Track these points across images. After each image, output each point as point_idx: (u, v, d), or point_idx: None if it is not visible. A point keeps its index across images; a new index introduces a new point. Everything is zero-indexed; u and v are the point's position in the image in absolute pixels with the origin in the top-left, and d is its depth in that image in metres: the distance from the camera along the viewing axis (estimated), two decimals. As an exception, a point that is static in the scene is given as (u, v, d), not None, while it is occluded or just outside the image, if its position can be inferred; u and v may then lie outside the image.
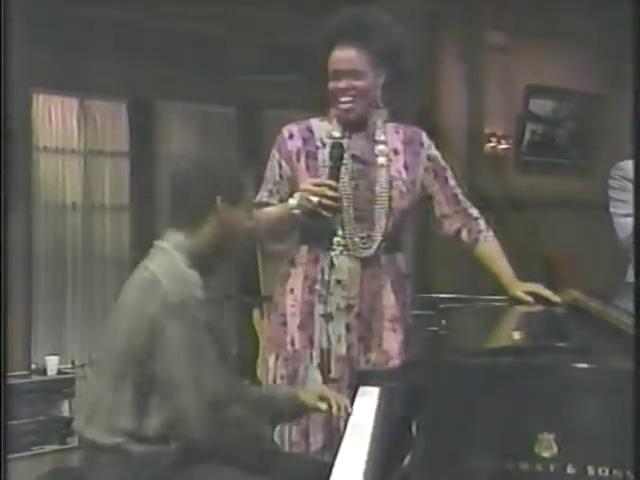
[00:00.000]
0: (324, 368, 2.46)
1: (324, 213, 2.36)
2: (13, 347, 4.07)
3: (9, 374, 3.47)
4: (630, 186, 2.93)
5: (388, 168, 2.53)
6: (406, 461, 1.56)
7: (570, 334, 1.98)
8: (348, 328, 2.47)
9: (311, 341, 2.48)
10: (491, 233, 2.63)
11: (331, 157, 2.43)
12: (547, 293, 2.39)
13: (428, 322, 2.08)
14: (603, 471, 1.40)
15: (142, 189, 5.31)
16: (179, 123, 5.45)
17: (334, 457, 1.77)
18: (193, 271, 2.03)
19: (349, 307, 2.47)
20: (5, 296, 2.49)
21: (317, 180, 2.41)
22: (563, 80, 6.35)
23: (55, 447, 4.62)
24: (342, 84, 2.47)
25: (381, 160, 2.54)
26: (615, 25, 4.13)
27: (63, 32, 4.73)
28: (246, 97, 5.47)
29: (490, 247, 2.61)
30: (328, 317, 2.47)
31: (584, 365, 1.49)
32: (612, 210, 3.19)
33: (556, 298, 2.35)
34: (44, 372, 4.74)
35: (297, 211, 2.41)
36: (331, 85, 2.49)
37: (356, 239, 2.49)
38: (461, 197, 2.63)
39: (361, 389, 2.13)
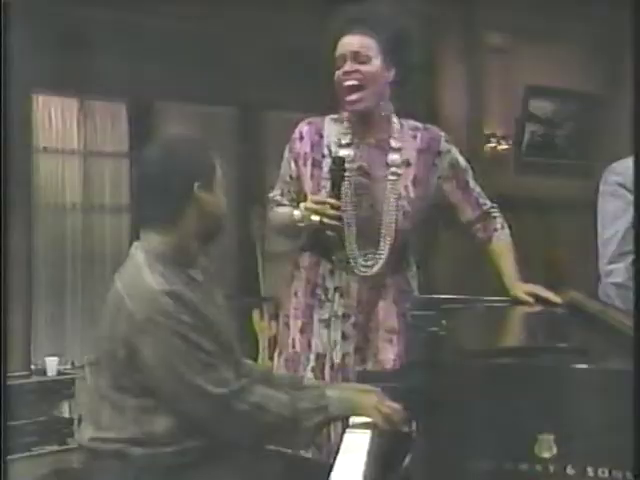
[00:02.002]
0: (318, 373, 2.45)
1: (326, 232, 2.34)
2: (13, 347, 4.07)
3: (9, 375, 3.48)
4: (629, 196, 2.55)
5: (396, 184, 2.44)
6: (406, 461, 1.56)
7: (570, 335, 1.98)
8: (344, 336, 2.45)
9: (310, 345, 2.48)
10: (506, 231, 2.57)
11: (331, 173, 2.37)
12: (547, 294, 2.38)
13: (428, 322, 2.08)
14: (603, 472, 1.40)
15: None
16: (179, 123, 5.45)
17: (334, 457, 1.78)
18: (160, 278, 1.90)
19: (346, 315, 2.46)
20: (5, 296, 2.49)
21: (319, 198, 2.36)
22: (563, 81, 6.35)
23: (55, 448, 4.62)
24: (346, 67, 2.38)
25: (390, 174, 2.44)
26: (615, 25, 4.13)
27: (63, 32, 4.73)
28: (246, 97, 5.47)
29: (500, 246, 2.56)
30: (325, 323, 2.46)
31: (584, 366, 1.48)
32: (599, 231, 2.73)
33: (556, 299, 2.34)
34: (44, 373, 4.74)
35: (301, 224, 2.39)
36: (336, 74, 2.40)
37: (359, 259, 2.44)
38: (481, 198, 2.57)
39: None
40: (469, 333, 2.15)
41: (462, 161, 2.55)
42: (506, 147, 6.28)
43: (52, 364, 4.75)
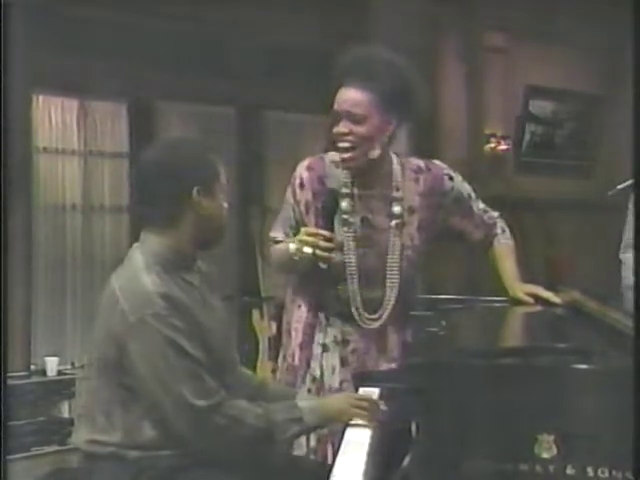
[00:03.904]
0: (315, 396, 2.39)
1: (319, 264, 2.28)
2: (13, 347, 4.07)
3: (9, 375, 3.48)
4: None
5: (400, 235, 2.40)
6: (406, 461, 1.56)
7: (570, 335, 1.99)
8: (342, 362, 2.42)
9: (308, 364, 2.44)
10: (506, 234, 2.55)
11: (324, 206, 2.33)
12: (547, 294, 2.38)
13: (428, 323, 2.08)
14: (602, 472, 1.41)
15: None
16: (179, 123, 5.45)
17: (334, 457, 1.78)
18: (157, 279, 1.90)
19: (345, 342, 2.42)
20: (5, 296, 2.49)
21: (311, 230, 2.30)
22: (563, 81, 6.36)
23: (55, 448, 4.61)
24: (341, 128, 2.31)
25: (394, 225, 2.40)
26: (615, 26, 4.13)
27: (63, 33, 4.73)
28: (246, 98, 5.48)
29: (501, 249, 2.53)
30: (324, 347, 2.43)
31: (584, 366, 1.49)
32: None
33: (556, 299, 2.34)
34: (44, 373, 4.74)
35: (296, 257, 2.31)
36: (333, 129, 2.33)
37: (363, 312, 2.39)
38: (485, 215, 2.53)
39: (361, 390, 2.14)
40: (469, 333, 2.15)
41: (465, 190, 2.50)
42: (506, 147, 6.28)
43: (52, 364, 4.75)
